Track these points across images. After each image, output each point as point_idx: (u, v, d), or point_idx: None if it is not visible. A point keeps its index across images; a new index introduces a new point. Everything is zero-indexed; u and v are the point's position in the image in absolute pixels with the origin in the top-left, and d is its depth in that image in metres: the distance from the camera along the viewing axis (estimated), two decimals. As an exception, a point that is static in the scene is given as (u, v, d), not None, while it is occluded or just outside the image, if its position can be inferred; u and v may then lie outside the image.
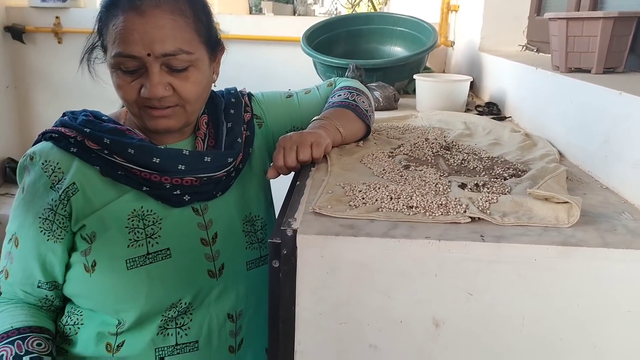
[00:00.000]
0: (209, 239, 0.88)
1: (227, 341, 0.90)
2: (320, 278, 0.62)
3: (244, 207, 0.93)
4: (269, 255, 0.68)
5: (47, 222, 0.82)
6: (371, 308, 0.62)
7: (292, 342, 0.65)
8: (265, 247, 0.95)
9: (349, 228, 0.63)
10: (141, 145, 0.83)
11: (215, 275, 0.88)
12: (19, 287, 0.86)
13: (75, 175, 0.83)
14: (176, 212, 0.86)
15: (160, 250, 0.84)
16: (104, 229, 0.83)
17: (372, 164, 0.89)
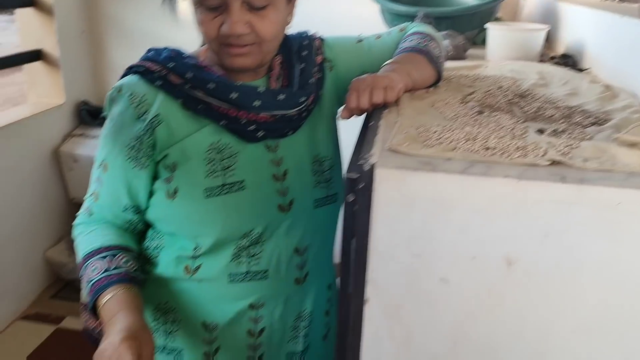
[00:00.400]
0: (279, 175, 0.93)
1: (294, 273, 0.97)
2: (395, 212, 0.64)
3: (313, 148, 0.97)
4: (345, 189, 0.70)
5: (134, 151, 0.88)
6: (444, 243, 0.64)
7: (364, 272, 0.68)
8: (331, 187, 0.99)
9: (426, 164, 0.64)
10: (220, 80, 0.87)
11: (285, 210, 0.93)
12: (108, 210, 0.94)
13: (159, 107, 0.88)
14: (250, 148, 0.91)
15: (236, 182, 0.89)
16: (185, 159, 0.88)
17: (444, 109, 0.88)
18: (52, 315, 2.33)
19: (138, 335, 0.77)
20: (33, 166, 2.37)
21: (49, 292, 2.48)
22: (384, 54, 1.03)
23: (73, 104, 2.55)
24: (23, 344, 2.15)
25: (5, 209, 2.22)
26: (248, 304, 0.95)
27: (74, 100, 2.55)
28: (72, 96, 2.53)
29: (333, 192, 0.99)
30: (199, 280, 0.92)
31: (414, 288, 0.67)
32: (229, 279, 0.92)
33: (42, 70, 2.45)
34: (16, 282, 2.32)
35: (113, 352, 0.75)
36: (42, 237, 2.47)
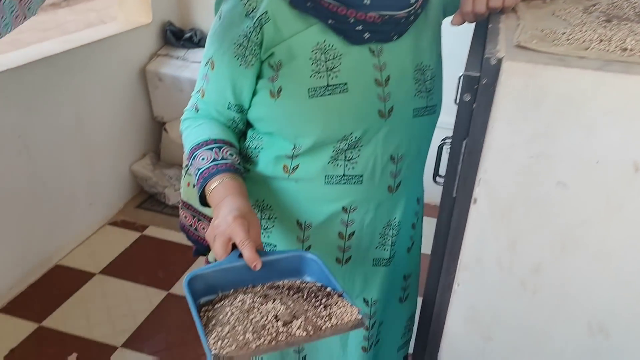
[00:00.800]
0: (382, 80, 0.91)
1: (387, 181, 0.98)
2: (520, 108, 0.62)
3: (416, 55, 0.94)
4: (461, 89, 0.69)
5: (241, 49, 0.89)
6: (568, 144, 0.62)
7: (476, 171, 0.68)
8: (431, 98, 0.97)
9: (558, 60, 0.61)
10: None
11: (385, 116, 0.92)
12: (213, 106, 0.96)
13: (268, 5, 0.87)
14: (355, 51, 0.89)
15: (339, 84, 0.89)
16: (291, 58, 0.88)
17: (566, 17, 0.83)
18: (136, 224, 2.51)
19: (247, 216, 0.81)
20: (122, 83, 2.48)
21: (134, 203, 2.66)
22: None
23: (159, 24, 2.61)
24: (111, 247, 2.34)
25: (97, 122, 2.36)
26: (341, 207, 0.97)
27: (160, 21, 2.61)
28: (158, 16, 2.58)
29: (432, 103, 0.98)
30: (296, 180, 0.95)
31: (529, 190, 0.66)
32: (325, 180, 0.94)
33: (132, -12, 2.51)
34: (106, 191, 2.50)
35: (226, 227, 0.79)
36: (128, 151, 2.61)
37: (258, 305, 0.74)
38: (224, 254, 0.79)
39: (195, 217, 1.15)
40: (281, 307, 0.74)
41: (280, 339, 0.70)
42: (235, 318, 0.72)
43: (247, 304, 0.75)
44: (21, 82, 1.94)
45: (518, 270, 0.71)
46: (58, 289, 2.08)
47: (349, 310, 0.75)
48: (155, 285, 2.12)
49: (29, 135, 2.01)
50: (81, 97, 2.24)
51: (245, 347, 0.68)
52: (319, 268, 0.82)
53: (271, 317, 0.72)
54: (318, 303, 0.76)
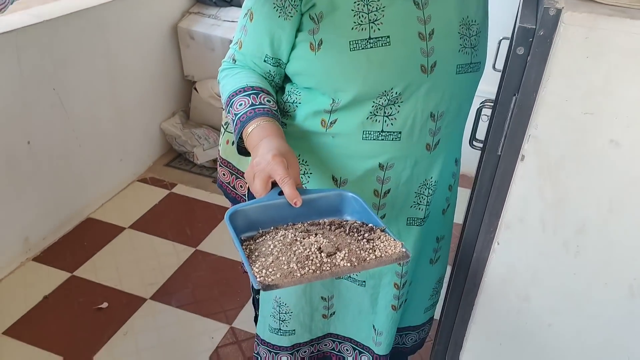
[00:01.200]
0: (426, 34, 0.88)
1: (426, 138, 0.95)
2: (577, 62, 0.60)
3: (462, 9, 0.91)
4: (515, 42, 0.67)
5: (281, 1, 0.87)
6: (627, 101, 0.60)
7: (525, 127, 0.66)
8: (476, 54, 0.94)
9: (621, 12, 0.59)
10: None
11: (427, 71, 0.89)
12: (250, 58, 0.95)
13: None
14: (398, 2, 0.86)
15: (381, 37, 0.86)
16: (332, 9, 0.86)
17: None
18: (165, 181, 2.54)
19: (286, 155, 0.80)
20: (154, 40, 2.48)
21: (163, 161, 2.69)
22: None
23: (193, -19, 2.59)
24: (140, 203, 2.38)
25: (129, 78, 2.37)
26: (377, 163, 0.95)
27: (192, -22, 2.59)
28: (191, -27, 2.56)
29: (477, 60, 0.94)
30: (334, 135, 0.94)
31: (580, 148, 0.64)
32: (363, 135, 0.93)
33: (165, -56, 2.48)
34: (135, 148, 2.53)
35: (266, 165, 0.78)
36: (158, 109, 2.63)
37: (300, 239, 0.74)
38: (263, 191, 0.79)
39: (234, 174, 1.16)
40: (324, 240, 0.74)
41: (324, 268, 0.70)
42: (279, 250, 0.72)
43: (289, 237, 0.75)
44: (56, 35, 1.95)
45: (562, 230, 0.70)
46: (89, 241, 2.14)
47: (392, 244, 0.74)
48: (182, 241, 2.16)
49: (63, 88, 2.03)
50: (113, 52, 2.25)
51: (289, 276, 0.68)
52: (359, 206, 0.81)
53: (314, 249, 0.72)
54: (361, 237, 0.76)
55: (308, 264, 0.70)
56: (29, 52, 1.86)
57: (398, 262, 0.74)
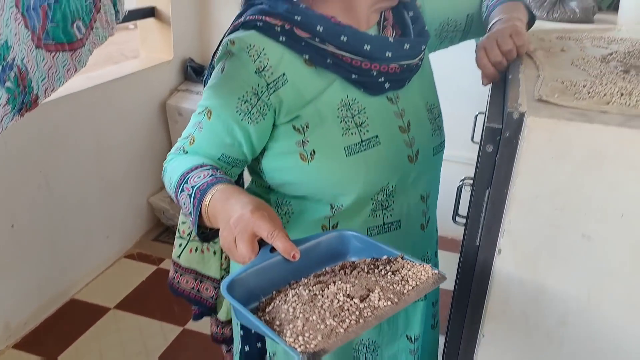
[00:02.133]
0: (404, 126, 0.93)
1: (420, 219, 1.01)
2: (543, 162, 0.63)
3: (424, 96, 0.98)
4: (483, 140, 0.70)
5: (247, 105, 0.84)
6: (593, 198, 0.62)
7: (499, 222, 0.68)
8: (442, 134, 1.02)
9: (580, 115, 0.62)
10: (354, 32, 0.85)
11: (413, 160, 0.94)
12: (202, 154, 0.88)
13: (285, 66, 0.84)
14: (375, 102, 0.90)
15: (372, 138, 0.89)
16: (320, 119, 0.86)
17: (585, 67, 0.84)
18: (152, 257, 2.52)
19: (265, 208, 0.71)
20: (142, 117, 2.53)
21: (151, 235, 2.68)
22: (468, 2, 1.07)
23: (180, 60, 2.68)
24: (127, 280, 2.35)
25: (117, 156, 2.40)
26: None
27: (181, 57, 2.67)
28: (179, 53, 2.65)
29: (443, 138, 1.02)
30: None
31: (552, 242, 0.66)
32: (367, 232, 0.92)
33: (155, 26, 2.58)
34: (122, 223, 2.52)
35: (247, 223, 0.68)
36: (146, 184, 2.65)
37: (319, 292, 0.63)
38: (252, 253, 0.68)
39: (198, 279, 1.11)
40: (346, 285, 0.63)
41: (365, 314, 0.59)
42: (302, 311, 0.60)
43: (305, 295, 0.63)
44: (45, 118, 1.99)
45: (544, 322, 0.70)
46: (72, 324, 2.08)
47: (420, 269, 0.67)
48: (170, 320, 2.11)
49: (50, 170, 2.05)
50: (102, 131, 2.29)
51: (332, 334, 0.57)
52: (363, 242, 0.74)
53: (343, 297, 0.61)
54: (384, 272, 0.67)
55: (346, 315, 0.59)
56: (16, 136, 1.89)
57: (436, 286, 0.66)
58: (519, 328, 0.72)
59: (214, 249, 1.09)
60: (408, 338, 1.07)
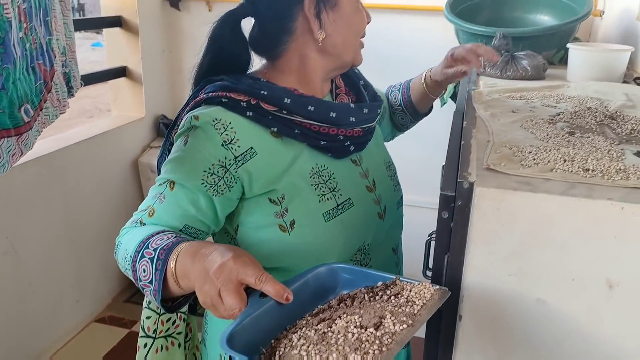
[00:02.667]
0: (371, 185, 0.99)
1: (393, 271, 1.05)
2: (494, 229, 0.65)
3: (382, 155, 1.07)
4: (439, 206, 0.72)
5: (214, 177, 0.83)
6: (543, 263, 0.64)
7: (459, 288, 0.69)
8: (400, 188, 1.09)
9: (525, 184, 0.65)
10: (319, 101, 0.90)
11: (383, 216, 1.00)
12: (164, 225, 0.85)
13: (252, 139, 0.86)
14: (341, 166, 0.95)
15: (345, 200, 0.93)
16: (296, 189, 0.88)
17: (533, 129, 0.89)
18: (124, 319, 2.45)
19: (243, 253, 0.69)
20: (115, 175, 2.53)
21: (123, 297, 2.61)
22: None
23: (152, 118, 2.70)
24: (98, 346, 2.27)
25: (88, 217, 2.37)
26: None
27: (153, 114, 2.70)
28: (151, 110, 2.68)
29: (401, 193, 1.09)
30: None
31: (510, 307, 0.67)
32: None
33: (126, 85, 2.62)
34: (93, 286, 2.46)
35: (230, 271, 0.64)
36: (118, 243, 2.61)
37: (327, 330, 0.60)
38: (242, 303, 0.64)
39: None
40: (354, 317, 0.61)
41: (386, 342, 0.57)
42: (317, 352, 0.57)
43: (313, 335, 0.60)
44: (12, 183, 1.97)
45: (507, 386, 0.70)
46: (41, 394, 2.00)
47: (421, 288, 0.66)
48: (142, 386, 2.04)
49: (17, 236, 2.01)
50: (72, 193, 2.27)
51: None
52: (353, 273, 0.73)
53: (356, 329, 0.59)
54: (385, 297, 0.66)
55: (366, 346, 0.56)
56: (-17, 203, 1.86)
57: (442, 301, 0.65)
58: (484, 393, 0.72)
59: (178, 342, 1.02)
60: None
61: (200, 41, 0.94)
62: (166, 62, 2.74)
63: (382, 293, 0.68)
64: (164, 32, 2.68)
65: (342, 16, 0.90)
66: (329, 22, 0.89)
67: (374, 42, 1.20)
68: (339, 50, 0.92)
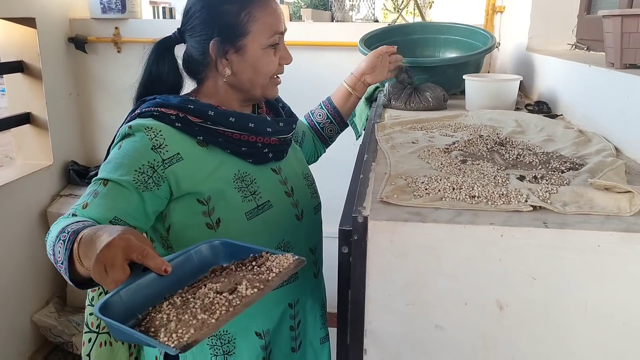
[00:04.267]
0: (289, 191, 1.11)
1: (312, 269, 1.17)
2: (389, 262, 0.66)
3: (299, 166, 1.19)
4: (339, 241, 0.73)
5: (144, 176, 0.93)
6: (437, 290, 0.66)
7: (362, 322, 0.70)
8: (318, 197, 1.21)
9: (415, 215, 0.67)
10: (239, 114, 1.03)
11: (300, 218, 1.12)
12: (94, 218, 0.89)
13: (179, 146, 0.97)
14: (262, 173, 1.06)
15: (265, 202, 1.05)
16: (221, 192, 0.99)
17: (429, 159, 0.93)
18: (38, 382, 2.26)
19: (132, 232, 0.73)
20: (21, 228, 2.36)
21: (38, 357, 2.41)
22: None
23: (61, 165, 2.57)
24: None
25: (-8, 272, 2.19)
26: (287, 304, 1.10)
27: (62, 161, 2.57)
28: (60, 157, 2.55)
29: (319, 200, 1.21)
30: None
31: (411, 336, 0.68)
32: None
33: (31, 132, 2.48)
34: (3, 347, 2.25)
35: (116, 248, 0.70)
36: (29, 300, 2.42)
37: (191, 297, 0.69)
38: (123, 275, 0.70)
39: None
40: (216, 284, 0.70)
41: (234, 303, 0.66)
42: (175, 314, 0.66)
43: (178, 301, 0.69)
44: None
45: (416, 416, 0.71)
46: None
47: (282, 259, 0.75)
48: None
49: None
50: (-28, 250, 2.09)
51: (205, 326, 0.62)
52: (232, 247, 0.81)
53: (213, 294, 0.68)
54: (250, 267, 0.75)
55: (216, 307, 0.66)
56: None
57: (297, 269, 0.75)
58: None
59: None
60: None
61: (110, 82, 1.05)
62: (74, 105, 2.63)
63: (247, 264, 0.77)
64: (70, 75, 2.57)
65: (247, 59, 1.03)
66: (234, 62, 1.04)
67: (291, 77, 1.27)
68: (246, 87, 1.06)
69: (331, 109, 1.44)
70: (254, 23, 1.02)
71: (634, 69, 1.07)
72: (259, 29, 1.02)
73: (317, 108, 1.46)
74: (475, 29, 1.86)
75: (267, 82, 1.06)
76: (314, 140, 1.44)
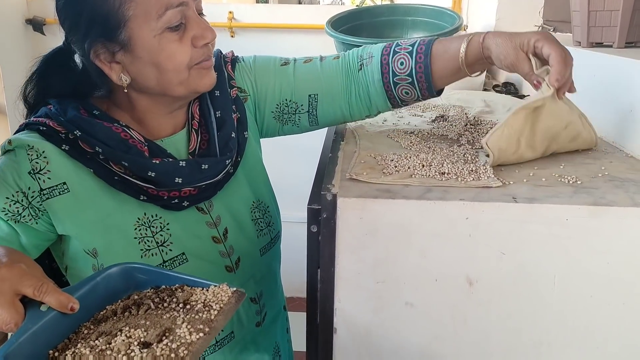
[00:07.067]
0: (220, 235, 0.86)
1: (255, 319, 0.94)
2: (359, 239, 0.65)
3: (250, 194, 0.90)
4: (307, 220, 0.71)
5: (17, 206, 0.75)
6: (408, 267, 0.65)
7: (332, 301, 0.69)
8: (273, 229, 0.94)
9: (385, 192, 0.66)
10: (134, 159, 0.76)
11: (233, 269, 0.87)
12: None
13: (67, 174, 0.76)
14: (181, 216, 0.82)
15: (176, 257, 0.82)
16: (110, 243, 0.78)
17: (398, 138, 0.92)
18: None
19: (21, 260, 0.61)
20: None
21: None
22: (310, 82, 0.91)
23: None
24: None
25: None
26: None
27: (22, 147, 2.47)
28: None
29: (275, 232, 0.95)
30: None
31: (381, 314, 0.68)
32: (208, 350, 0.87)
33: (-12, 117, 2.37)
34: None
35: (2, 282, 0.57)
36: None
37: (105, 347, 0.55)
38: (17, 316, 0.57)
39: None
40: (138, 330, 0.56)
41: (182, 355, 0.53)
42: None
43: (87, 354, 0.55)
44: None
45: (387, 394, 0.71)
46: None
47: (218, 291, 0.62)
48: None
49: None
50: None
51: None
52: (148, 273, 0.67)
53: (137, 349, 0.54)
54: (175, 304, 0.61)
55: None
56: None
57: (240, 303, 0.62)
58: (366, 405, 0.71)
59: None
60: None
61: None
62: None
63: (167, 297, 0.63)
64: (28, 58, 2.45)
65: (140, 56, 0.75)
66: (127, 63, 0.76)
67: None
68: (158, 89, 0.78)
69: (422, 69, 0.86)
70: (129, 3, 0.72)
71: (600, 47, 1.08)
72: (139, 9, 0.72)
73: (405, 52, 0.87)
74: (443, 10, 1.86)
75: (186, 75, 0.76)
76: (370, 89, 0.89)
